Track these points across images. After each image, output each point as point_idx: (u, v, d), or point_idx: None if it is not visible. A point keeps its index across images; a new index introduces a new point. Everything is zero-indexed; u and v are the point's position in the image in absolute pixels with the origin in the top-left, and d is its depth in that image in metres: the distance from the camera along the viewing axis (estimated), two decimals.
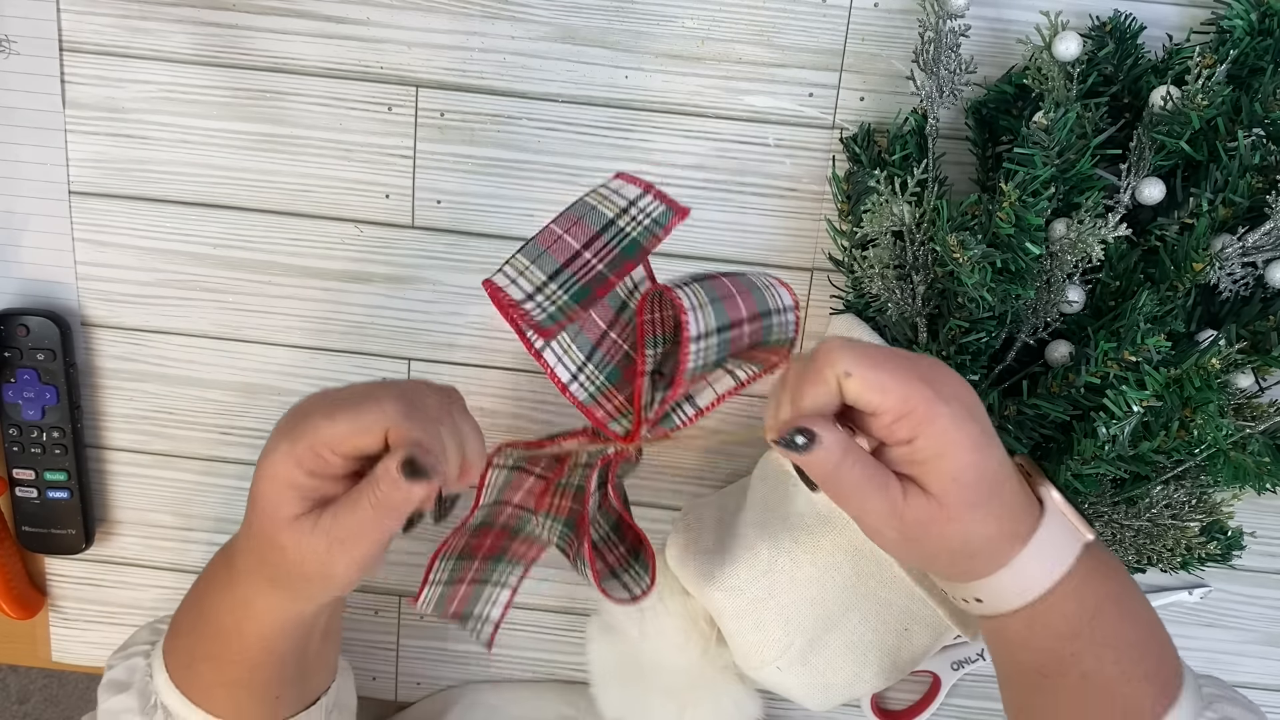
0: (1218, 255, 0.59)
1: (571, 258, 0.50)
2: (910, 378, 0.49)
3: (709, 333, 0.51)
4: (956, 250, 0.57)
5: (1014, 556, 0.52)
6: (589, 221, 0.51)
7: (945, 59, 0.61)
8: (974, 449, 0.49)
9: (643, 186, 0.51)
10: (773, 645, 0.66)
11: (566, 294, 0.50)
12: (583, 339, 0.55)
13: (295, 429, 0.51)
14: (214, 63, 0.69)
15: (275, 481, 0.52)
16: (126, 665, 0.64)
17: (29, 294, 0.73)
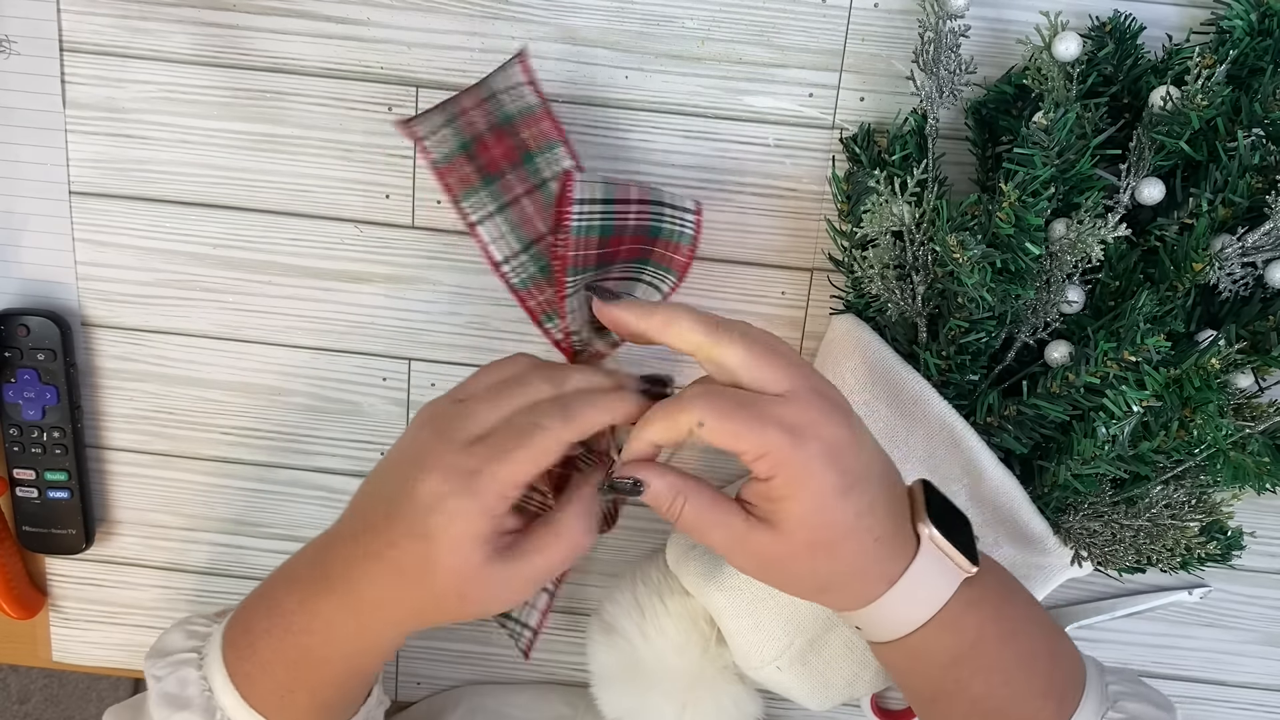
0: (1217, 255, 0.59)
1: (460, 112, 0.62)
2: (767, 426, 0.50)
3: (592, 200, 0.59)
4: (956, 250, 0.57)
5: (879, 595, 0.54)
6: (482, 90, 0.63)
7: (945, 59, 0.61)
8: (828, 495, 0.51)
9: (526, 78, 0.63)
10: (772, 645, 0.66)
11: (455, 140, 0.62)
12: (520, 233, 0.62)
13: (471, 484, 0.51)
14: (214, 63, 0.69)
15: (464, 541, 0.52)
16: (177, 678, 0.61)
17: (29, 294, 0.74)
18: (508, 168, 0.62)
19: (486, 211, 0.62)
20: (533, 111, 0.62)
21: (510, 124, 0.62)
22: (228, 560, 0.79)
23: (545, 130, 0.63)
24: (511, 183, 0.62)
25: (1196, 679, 0.79)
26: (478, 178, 0.62)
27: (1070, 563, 0.66)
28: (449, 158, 0.62)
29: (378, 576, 0.54)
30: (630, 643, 0.70)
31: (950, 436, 0.63)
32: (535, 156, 0.62)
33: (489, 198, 0.62)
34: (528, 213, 0.62)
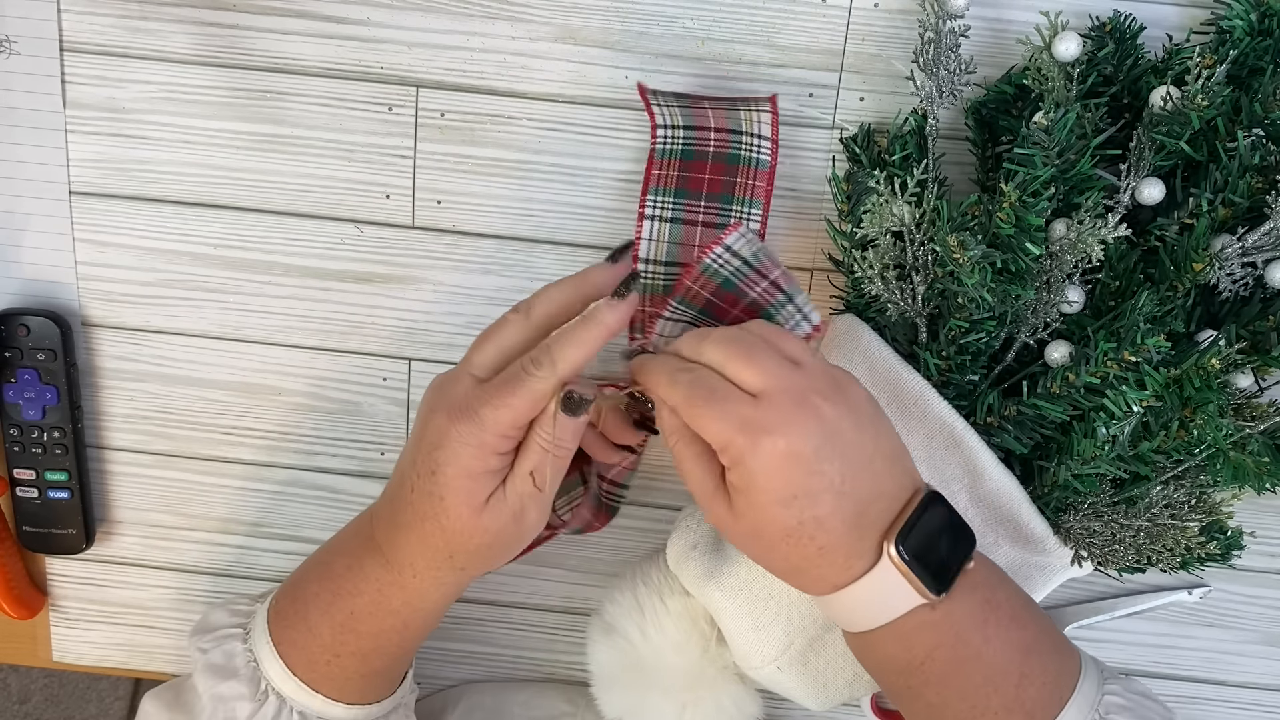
0: (1217, 255, 0.59)
1: (704, 126, 0.65)
2: (727, 424, 0.53)
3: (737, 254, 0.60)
4: (956, 250, 0.57)
5: (824, 597, 0.56)
6: (727, 118, 0.66)
7: (945, 59, 0.61)
8: (770, 499, 0.53)
9: (773, 135, 0.65)
10: (773, 645, 0.66)
11: (682, 146, 0.66)
12: (674, 251, 0.66)
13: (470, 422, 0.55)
14: (214, 63, 0.69)
15: (469, 478, 0.56)
16: (223, 650, 0.64)
17: (29, 294, 0.74)
18: (705, 195, 0.65)
19: (662, 214, 0.66)
20: (760, 168, 0.65)
21: (734, 164, 0.65)
22: (228, 560, 0.79)
23: (757, 189, 0.65)
24: (699, 207, 0.65)
25: (1196, 679, 0.79)
26: (676, 184, 0.65)
27: (1070, 563, 0.66)
28: (667, 154, 0.66)
29: (407, 528, 0.58)
30: (630, 642, 0.70)
31: (950, 436, 0.63)
32: (734, 201, 0.65)
33: (672, 206, 0.66)
34: (693, 239, 0.66)
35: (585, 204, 0.71)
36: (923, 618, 0.55)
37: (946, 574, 0.55)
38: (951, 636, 0.56)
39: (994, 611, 0.57)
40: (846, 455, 0.53)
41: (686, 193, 0.65)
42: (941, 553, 0.55)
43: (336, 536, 0.65)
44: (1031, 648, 0.57)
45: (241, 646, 0.64)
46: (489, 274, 0.72)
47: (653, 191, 0.66)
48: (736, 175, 0.65)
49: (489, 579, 0.78)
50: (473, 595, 0.79)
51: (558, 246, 0.72)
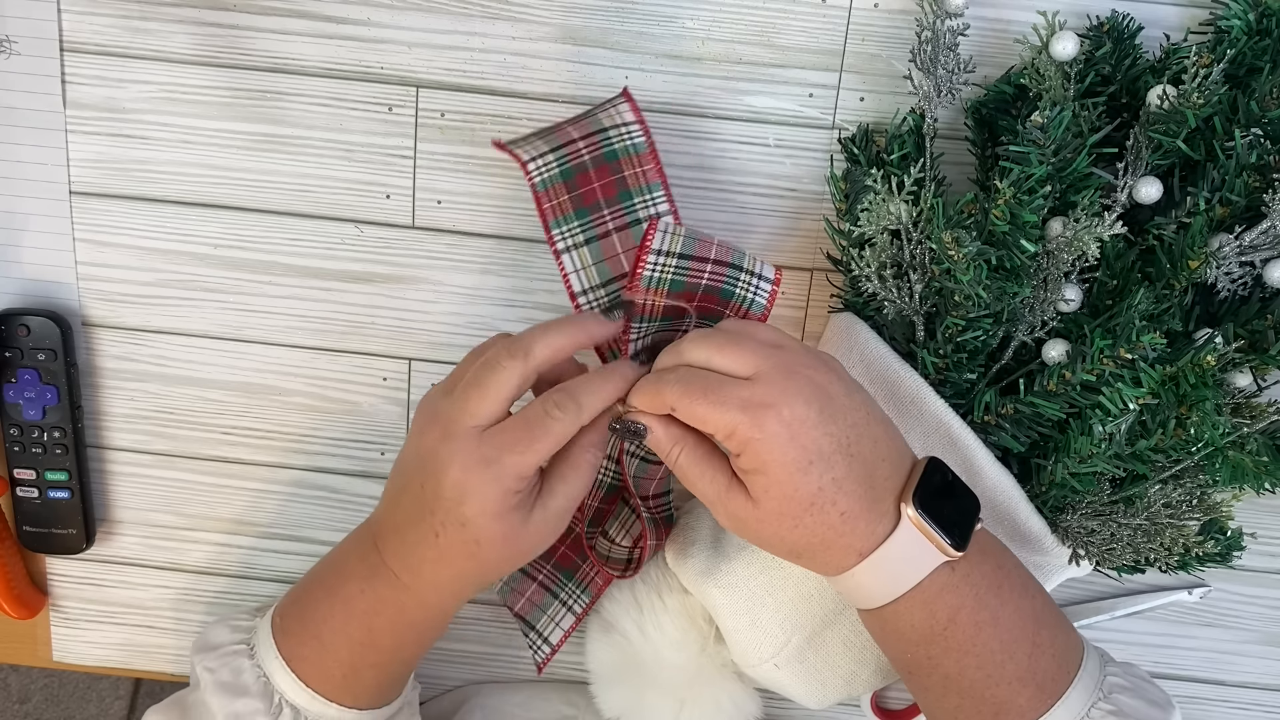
0: (1215, 254, 0.60)
1: (566, 141, 0.63)
2: (727, 408, 0.54)
3: (669, 253, 0.61)
4: (951, 247, 0.57)
5: (849, 569, 0.56)
6: (590, 123, 0.64)
7: (943, 59, 0.61)
8: (788, 470, 0.54)
9: (636, 118, 0.64)
10: (770, 642, 0.66)
11: (558, 167, 0.63)
12: (603, 267, 0.64)
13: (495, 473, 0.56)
14: (214, 63, 0.69)
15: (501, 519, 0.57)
16: (231, 667, 0.65)
17: (30, 294, 0.74)
18: (604, 202, 0.64)
19: (574, 241, 0.64)
20: (639, 151, 0.64)
21: (614, 161, 0.64)
22: (228, 560, 0.79)
23: (648, 172, 0.64)
24: (604, 217, 0.64)
25: (1196, 679, 0.79)
26: (572, 207, 0.63)
27: (1068, 562, 0.66)
28: (549, 184, 0.63)
29: (432, 562, 0.59)
30: (629, 640, 0.71)
31: (947, 435, 0.63)
32: (634, 194, 0.64)
33: (580, 228, 0.64)
34: (615, 249, 0.64)
35: None
36: (944, 579, 0.56)
37: (962, 532, 0.56)
38: (972, 598, 0.56)
39: (1006, 577, 0.58)
40: (846, 418, 0.55)
41: (585, 210, 0.64)
42: (952, 513, 0.56)
43: (336, 560, 0.65)
44: (1041, 619, 0.58)
45: (249, 663, 0.64)
46: (489, 274, 0.72)
47: (554, 224, 0.64)
48: (622, 169, 0.64)
49: None
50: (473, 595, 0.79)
51: None
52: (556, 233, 0.64)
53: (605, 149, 0.63)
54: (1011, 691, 0.57)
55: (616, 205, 0.64)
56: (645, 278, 0.61)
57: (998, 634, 0.56)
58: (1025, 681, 0.57)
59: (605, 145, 0.63)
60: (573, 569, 0.72)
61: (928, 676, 0.59)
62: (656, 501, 0.69)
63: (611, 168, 0.63)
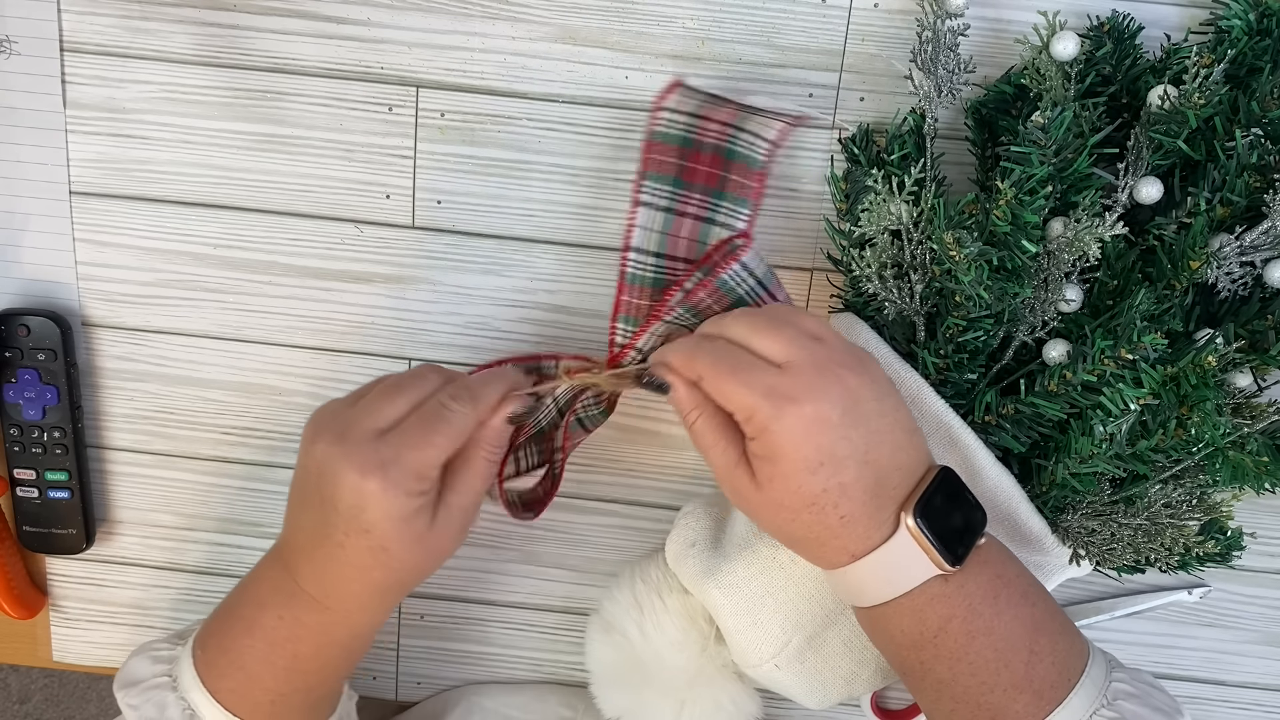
0: (1215, 254, 0.60)
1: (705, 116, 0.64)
2: (753, 391, 0.54)
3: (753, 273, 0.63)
4: (953, 248, 0.57)
5: (841, 567, 0.56)
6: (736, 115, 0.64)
7: (944, 59, 0.61)
8: (796, 466, 0.54)
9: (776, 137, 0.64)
10: (770, 643, 0.66)
11: (682, 133, 0.63)
12: (664, 240, 0.64)
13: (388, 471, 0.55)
14: (214, 63, 0.69)
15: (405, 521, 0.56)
16: (154, 701, 0.63)
17: (30, 294, 0.74)
18: (699, 187, 0.64)
19: (656, 201, 0.64)
20: (753, 166, 0.64)
21: (729, 159, 0.64)
22: (228, 560, 0.79)
23: (750, 188, 0.64)
24: (690, 199, 0.64)
25: (1196, 679, 0.79)
26: (674, 171, 0.64)
27: (1069, 562, 0.66)
28: (665, 139, 0.64)
29: (345, 579, 0.59)
30: (629, 641, 0.70)
31: (948, 435, 0.63)
32: (725, 198, 0.64)
33: (668, 193, 0.64)
34: (681, 233, 0.64)
35: (585, 204, 0.71)
36: (937, 590, 0.56)
37: (961, 547, 0.56)
38: (964, 609, 0.56)
39: (1005, 587, 0.57)
40: (869, 424, 0.55)
41: (680, 182, 0.64)
42: (956, 525, 0.56)
43: (250, 588, 0.64)
44: (1041, 625, 0.58)
45: (173, 696, 0.63)
46: (489, 274, 0.72)
47: (649, 177, 0.64)
48: (731, 171, 0.64)
49: (488, 579, 0.78)
50: (473, 595, 0.79)
51: (558, 246, 0.72)
52: (646, 185, 0.64)
53: (728, 144, 0.64)
54: (1007, 698, 0.56)
55: (707, 198, 0.64)
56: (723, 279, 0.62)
57: (991, 643, 0.56)
58: (1021, 689, 0.56)
59: (730, 141, 0.64)
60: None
61: (921, 680, 0.58)
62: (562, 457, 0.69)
63: (724, 163, 0.64)
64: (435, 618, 0.80)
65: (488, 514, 0.76)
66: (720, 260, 0.63)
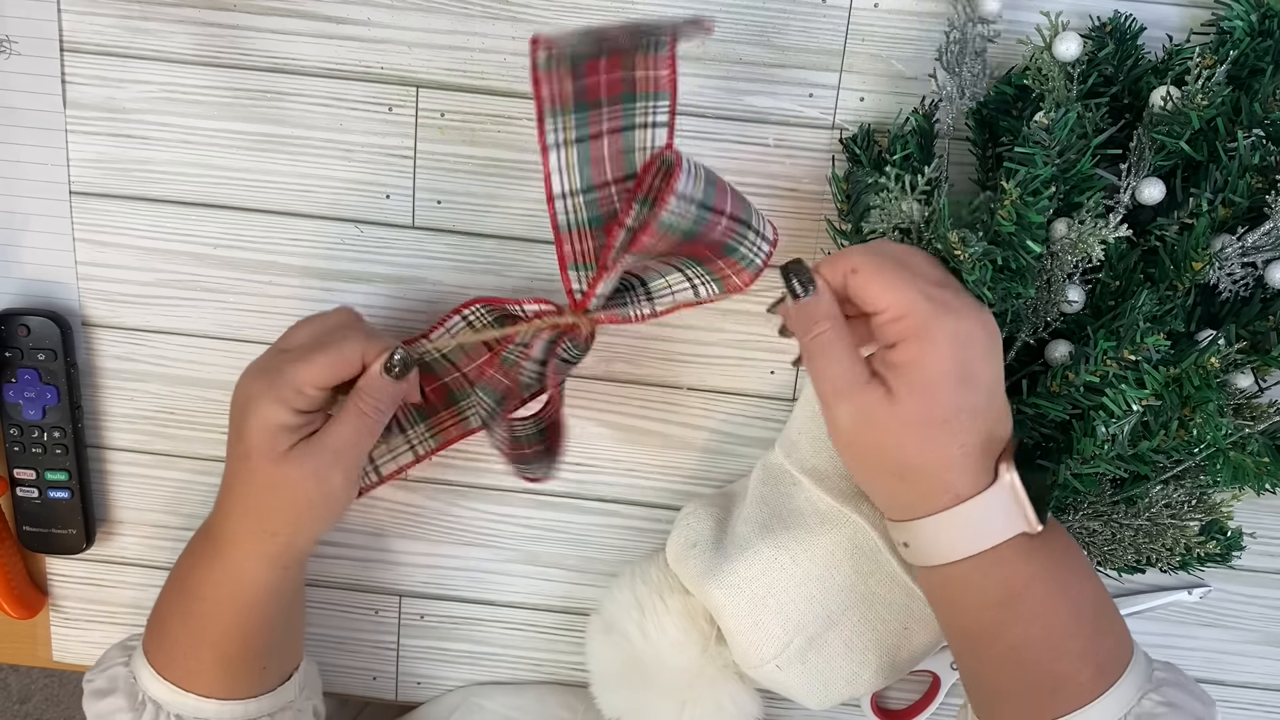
0: (1217, 255, 0.60)
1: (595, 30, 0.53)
2: (914, 291, 0.53)
3: (692, 199, 0.56)
4: (958, 248, 0.57)
5: (939, 510, 0.55)
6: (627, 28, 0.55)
7: (969, 62, 0.61)
8: (944, 375, 0.53)
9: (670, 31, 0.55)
10: (772, 643, 0.66)
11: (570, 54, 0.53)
12: (587, 172, 0.58)
13: (273, 379, 0.59)
14: (214, 63, 0.69)
15: (266, 426, 0.59)
16: (106, 675, 0.67)
17: (30, 294, 0.74)
18: (605, 100, 0.57)
19: (564, 138, 0.57)
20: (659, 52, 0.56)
21: (629, 56, 0.56)
22: None
23: (661, 78, 0.57)
24: (601, 116, 0.57)
25: (1197, 679, 0.79)
26: (572, 100, 0.56)
27: None
28: (555, 66, 0.54)
29: (227, 501, 0.62)
30: (630, 641, 0.71)
31: None
32: (637, 99, 0.58)
33: (574, 124, 0.57)
34: (602, 152, 0.58)
35: None
36: (1023, 546, 0.55)
37: (1042, 508, 0.56)
38: (1046, 569, 0.56)
39: (1074, 557, 0.58)
40: (997, 366, 0.55)
41: (585, 104, 0.56)
42: (1036, 488, 0.56)
43: None
44: (1101, 603, 0.58)
45: (124, 670, 0.66)
46: (489, 274, 0.72)
47: (549, 116, 0.56)
48: (635, 67, 0.56)
49: (488, 579, 0.78)
50: (473, 595, 0.79)
51: None
52: (549, 124, 0.56)
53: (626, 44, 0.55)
54: (1073, 668, 0.56)
55: (616, 106, 0.57)
56: (663, 220, 0.55)
57: (1066, 607, 0.56)
58: (1087, 659, 0.56)
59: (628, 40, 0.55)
60: (428, 412, 0.70)
61: (989, 646, 0.57)
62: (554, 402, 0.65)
63: (624, 61, 0.56)
64: (435, 618, 0.80)
65: (487, 513, 0.76)
66: (656, 192, 0.57)
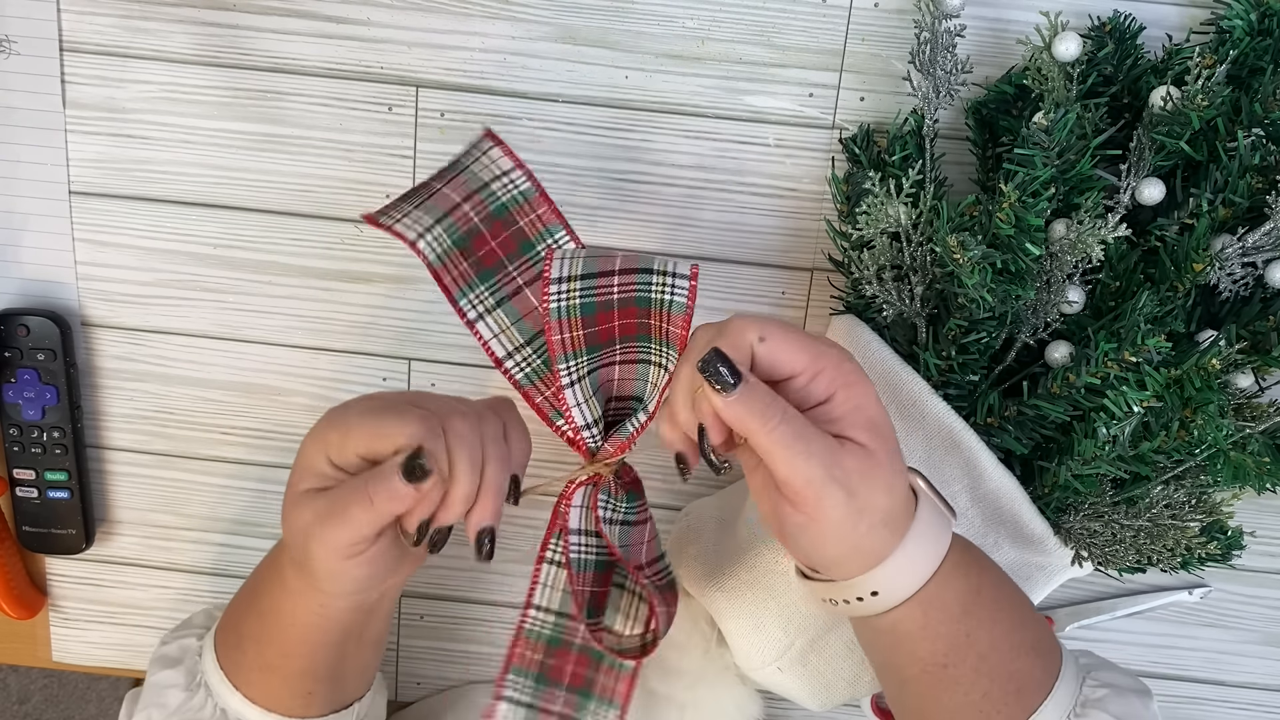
0: (1217, 255, 0.59)
1: (452, 207, 0.57)
2: (818, 342, 0.52)
3: (570, 277, 0.55)
4: (957, 251, 0.57)
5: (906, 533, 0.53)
6: (468, 180, 0.58)
7: (941, 59, 0.61)
8: (881, 405, 0.52)
9: (514, 161, 0.59)
10: (773, 646, 0.66)
11: (450, 236, 0.57)
12: (523, 325, 0.59)
13: (335, 419, 0.54)
14: (214, 63, 0.69)
15: (301, 461, 0.54)
16: (179, 644, 0.65)
17: (29, 294, 0.74)
18: (506, 259, 0.59)
19: (485, 307, 0.58)
20: (529, 197, 0.59)
21: (506, 214, 0.59)
22: (228, 560, 0.79)
23: (543, 216, 0.60)
24: (512, 274, 0.59)
25: (1196, 679, 0.79)
26: (475, 272, 0.58)
27: (1071, 563, 0.66)
28: (445, 256, 0.57)
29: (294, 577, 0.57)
30: None
31: (949, 438, 0.63)
32: (535, 242, 0.59)
33: (487, 292, 0.58)
34: (531, 303, 0.59)
35: (585, 204, 0.71)
36: (960, 546, 0.55)
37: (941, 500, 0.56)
38: (978, 560, 0.56)
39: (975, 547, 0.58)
40: None
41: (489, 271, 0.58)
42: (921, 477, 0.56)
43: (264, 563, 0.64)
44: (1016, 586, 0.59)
45: (195, 643, 0.65)
46: None
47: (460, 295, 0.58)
48: (517, 219, 0.59)
49: (488, 579, 0.78)
50: (473, 595, 0.79)
51: None
52: (464, 303, 0.58)
53: (493, 205, 0.59)
54: (1028, 662, 0.56)
55: (521, 258, 0.59)
56: (553, 310, 0.55)
57: (1009, 593, 0.56)
58: (1037, 650, 0.56)
59: (492, 201, 0.59)
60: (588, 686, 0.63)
61: (961, 665, 0.55)
62: (653, 569, 0.61)
63: (505, 221, 0.58)
64: (435, 618, 0.80)
65: None
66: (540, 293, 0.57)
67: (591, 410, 0.58)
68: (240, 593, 0.63)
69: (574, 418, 0.57)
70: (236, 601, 0.63)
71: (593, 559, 0.60)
